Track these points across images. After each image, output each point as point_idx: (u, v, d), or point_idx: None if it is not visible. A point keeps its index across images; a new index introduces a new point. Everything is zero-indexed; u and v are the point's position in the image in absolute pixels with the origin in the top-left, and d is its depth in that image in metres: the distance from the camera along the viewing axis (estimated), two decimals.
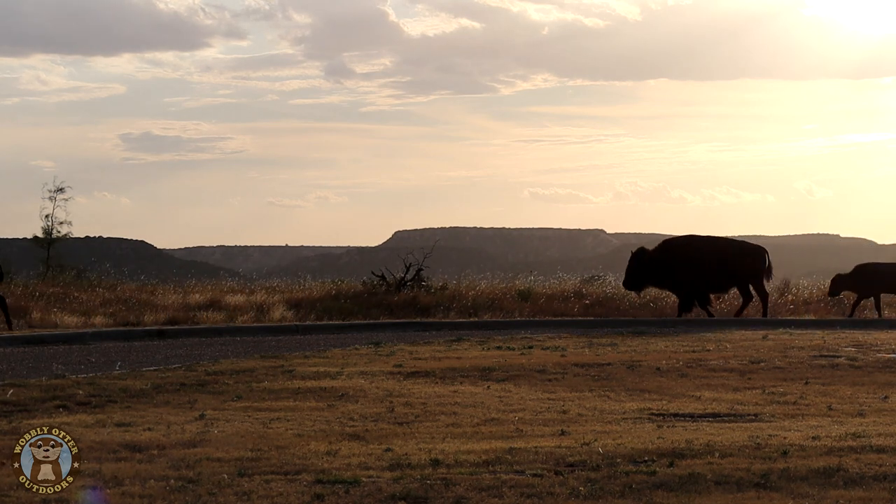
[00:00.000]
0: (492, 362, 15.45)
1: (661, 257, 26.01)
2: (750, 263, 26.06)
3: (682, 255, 25.92)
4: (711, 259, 25.88)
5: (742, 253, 26.29)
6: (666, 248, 26.32)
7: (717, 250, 26.20)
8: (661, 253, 26.16)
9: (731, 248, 26.50)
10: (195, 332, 21.76)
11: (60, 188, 34.69)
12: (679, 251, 26.10)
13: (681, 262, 25.76)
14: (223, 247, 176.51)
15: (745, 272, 26.00)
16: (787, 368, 15.04)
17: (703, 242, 26.56)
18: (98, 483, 7.63)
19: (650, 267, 25.92)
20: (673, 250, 26.16)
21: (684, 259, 25.82)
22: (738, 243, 26.92)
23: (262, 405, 11.54)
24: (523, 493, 7.41)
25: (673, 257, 25.90)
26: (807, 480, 7.78)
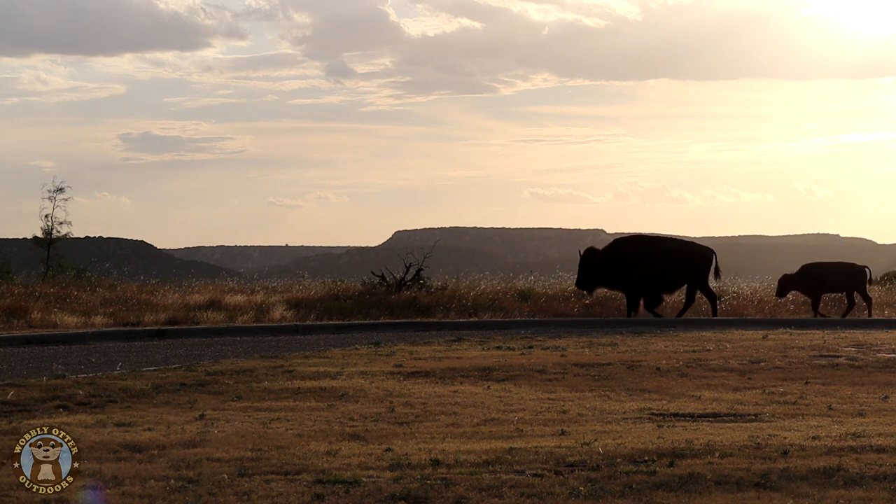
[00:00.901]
0: (492, 362, 15.45)
1: (612, 257, 25.95)
2: (699, 263, 26.00)
3: (632, 255, 25.88)
4: (661, 259, 25.84)
5: (692, 253, 26.24)
6: (616, 248, 26.26)
7: (666, 250, 26.18)
8: (612, 253, 26.11)
9: (680, 248, 26.48)
10: (195, 332, 21.76)
11: (60, 188, 34.61)
12: (629, 251, 26.04)
13: (631, 262, 25.71)
14: (223, 247, 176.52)
15: (694, 272, 25.93)
16: (787, 368, 15.04)
17: (653, 242, 26.61)
18: (98, 483, 7.63)
19: (601, 267, 25.86)
20: (623, 250, 26.09)
21: (634, 259, 25.78)
22: (688, 243, 26.92)
23: (262, 405, 11.54)
24: (523, 493, 7.41)
25: (623, 257, 25.84)
26: (807, 480, 7.78)
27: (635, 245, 26.31)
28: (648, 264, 25.71)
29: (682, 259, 25.99)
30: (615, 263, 25.79)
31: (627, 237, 27.03)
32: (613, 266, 25.78)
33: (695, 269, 25.97)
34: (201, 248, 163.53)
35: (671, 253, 26.12)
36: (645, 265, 25.69)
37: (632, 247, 26.22)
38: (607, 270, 25.83)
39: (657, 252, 26.04)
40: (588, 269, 25.99)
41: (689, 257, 26.09)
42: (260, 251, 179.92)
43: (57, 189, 34.55)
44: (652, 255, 25.88)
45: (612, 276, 25.85)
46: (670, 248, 26.41)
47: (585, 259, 26.08)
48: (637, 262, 25.71)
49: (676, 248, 26.47)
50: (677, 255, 26.08)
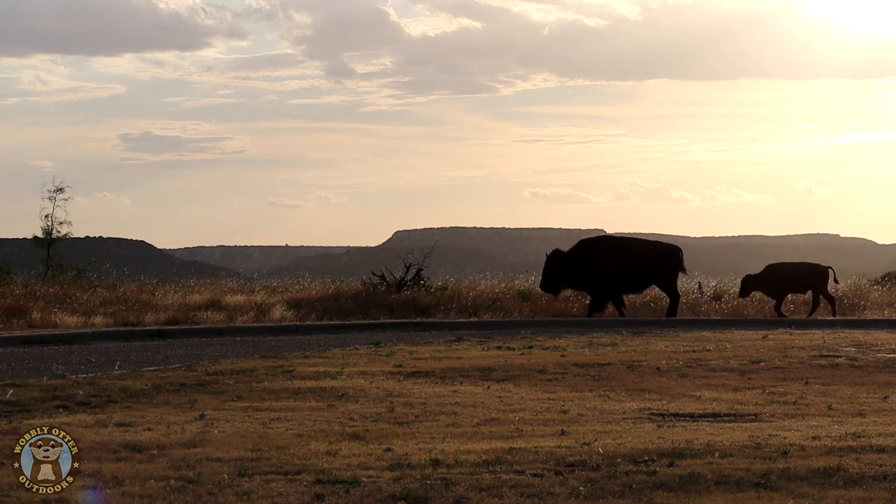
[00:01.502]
0: (492, 362, 15.45)
1: (578, 258, 25.85)
2: (666, 263, 25.94)
3: (599, 256, 25.80)
4: (628, 259, 25.77)
5: (658, 252, 26.16)
6: (582, 248, 26.17)
7: (633, 250, 26.10)
8: (578, 254, 26.00)
9: (646, 247, 26.38)
10: (195, 332, 21.76)
11: (60, 188, 34.62)
12: (595, 252, 25.97)
13: (598, 263, 25.62)
14: (223, 247, 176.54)
15: (661, 272, 25.87)
16: (787, 368, 15.04)
17: (619, 243, 26.53)
18: (98, 483, 7.63)
19: (567, 268, 25.76)
20: (589, 251, 26.00)
21: (601, 259, 25.70)
22: (654, 243, 26.77)
23: (262, 405, 11.55)
24: (523, 493, 7.41)
25: (590, 258, 25.75)
26: (807, 480, 7.79)
27: (601, 246, 26.25)
28: (614, 265, 25.62)
29: (649, 259, 25.88)
30: (581, 265, 25.69)
31: (593, 238, 26.99)
32: (579, 267, 25.69)
33: (662, 269, 25.89)
34: (201, 248, 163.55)
35: (637, 253, 26.00)
36: (610, 266, 25.60)
37: (597, 248, 26.15)
38: (573, 272, 25.73)
39: (623, 253, 25.95)
40: (553, 271, 25.89)
41: (655, 257, 25.98)
42: (260, 251, 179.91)
43: (57, 189, 34.57)
44: (617, 256, 25.79)
45: (578, 278, 25.75)
46: (636, 248, 26.29)
47: (551, 261, 25.97)
48: (602, 264, 25.61)
49: (642, 248, 26.32)
50: (643, 255, 25.97)
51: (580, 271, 25.67)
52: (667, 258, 26.05)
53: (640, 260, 25.83)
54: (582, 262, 25.75)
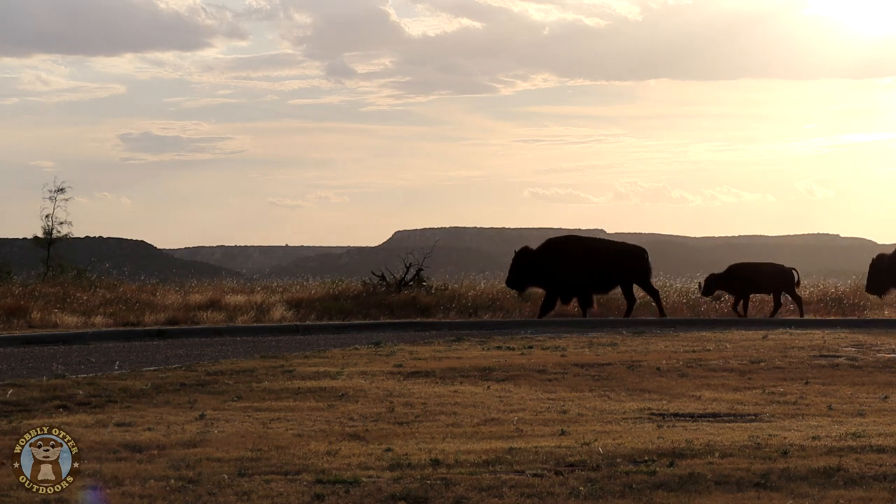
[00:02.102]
0: (492, 362, 15.45)
1: (545, 257, 25.78)
2: (632, 264, 25.90)
3: (566, 255, 25.75)
4: (594, 259, 25.72)
5: (624, 253, 26.12)
6: (549, 247, 26.10)
7: (599, 250, 26.08)
8: (545, 253, 25.94)
9: (613, 248, 26.37)
10: (195, 332, 21.76)
11: (61, 188, 34.61)
12: (563, 251, 25.91)
13: (564, 262, 25.57)
14: (223, 247, 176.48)
15: (627, 272, 25.83)
16: (787, 368, 15.04)
17: (586, 242, 26.50)
18: (98, 483, 7.63)
19: (534, 266, 25.72)
20: (556, 250, 25.95)
21: (568, 259, 25.64)
22: (620, 244, 26.74)
23: (262, 405, 11.55)
24: (523, 493, 7.41)
25: (557, 257, 25.72)
26: (807, 480, 7.79)
27: (567, 245, 26.17)
28: (578, 265, 25.55)
29: (614, 260, 25.85)
30: (546, 264, 25.64)
31: (560, 237, 26.87)
32: (546, 266, 25.64)
33: (627, 270, 25.84)
34: (201, 248, 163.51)
35: (603, 254, 25.98)
36: (574, 266, 25.53)
37: (564, 247, 26.08)
38: (539, 270, 25.68)
39: (588, 253, 25.91)
40: (520, 268, 25.83)
41: (621, 258, 25.94)
42: (260, 251, 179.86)
43: (57, 189, 34.57)
44: (582, 257, 25.73)
45: (544, 276, 25.71)
46: (605, 248, 26.31)
47: (518, 258, 25.91)
48: (566, 263, 25.55)
49: (608, 249, 26.31)
50: (609, 256, 25.93)
51: (547, 270, 25.62)
52: (632, 260, 26.00)
53: (605, 261, 25.78)
54: (547, 260, 25.71)
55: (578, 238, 26.94)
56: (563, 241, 26.59)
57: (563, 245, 26.26)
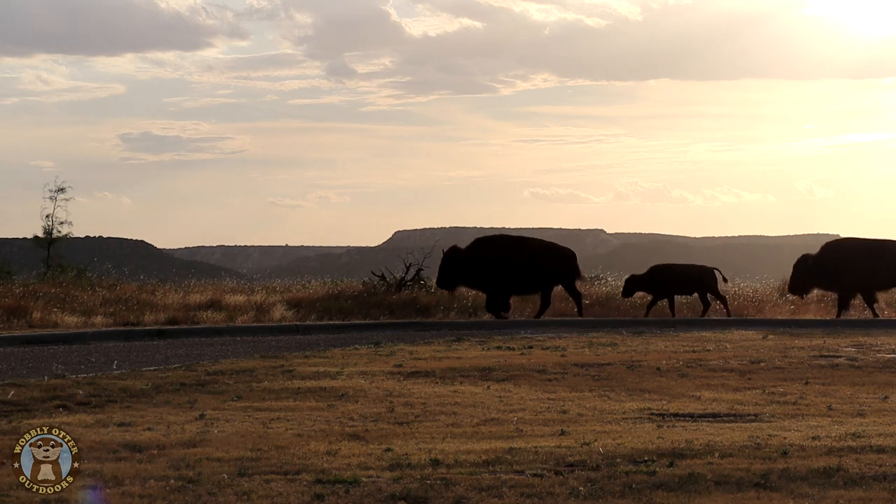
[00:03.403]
0: (492, 362, 15.45)
1: (474, 256, 25.66)
2: (560, 265, 25.78)
3: (494, 255, 25.61)
4: (521, 259, 25.59)
5: (553, 254, 25.98)
6: (478, 246, 25.99)
7: (527, 251, 25.92)
8: (473, 252, 25.81)
9: (541, 248, 26.19)
10: (195, 332, 21.76)
11: (61, 188, 34.65)
12: (490, 250, 25.77)
13: (492, 262, 25.43)
14: (223, 247, 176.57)
15: (553, 274, 25.70)
16: (787, 368, 15.03)
17: (516, 242, 26.31)
18: (98, 483, 7.63)
19: (464, 266, 25.56)
20: (484, 249, 25.82)
21: (495, 258, 25.51)
22: (550, 244, 26.55)
23: (262, 405, 11.54)
24: (523, 493, 7.41)
25: (484, 256, 25.56)
26: (807, 480, 7.79)
27: (498, 244, 26.03)
28: (510, 264, 25.44)
29: (544, 260, 25.73)
30: (477, 263, 25.51)
31: (490, 236, 26.74)
32: (475, 265, 25.50)
33: (556, 271, 25.73)
34: (201, 248, 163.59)
35: (533, 253, 25.85)
36: (504, 266, 25.41)
37: (494, 246, 25.95)
38: (469, 269, 25.54)
39: (520, 252, 25.79)
40: (450, 268, 25.67)
41: (550, 258, 25.82)
42: (260, 251, 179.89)
43: (58, 189, 34.58)
44: (514, 256, 25.62)
45: (474, 275, 25.56)
46: (532, 248, 26.12)
47: (448, 257, 25.74)
48: (499, 262, 25.43)
49: (539, 248, 26.17)
50: (539, 255, 25.80)
51: (475, 269, 25.48)
52: (561, 260, 25.89)
53: (534, 261, 25.65)
54: (477, 260, 25.57)
55: (511, 237, 26.68)
56: (496, 239, 26.40)
57: (497, 244, 26.06)
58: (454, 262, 25.68)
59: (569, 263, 25.99)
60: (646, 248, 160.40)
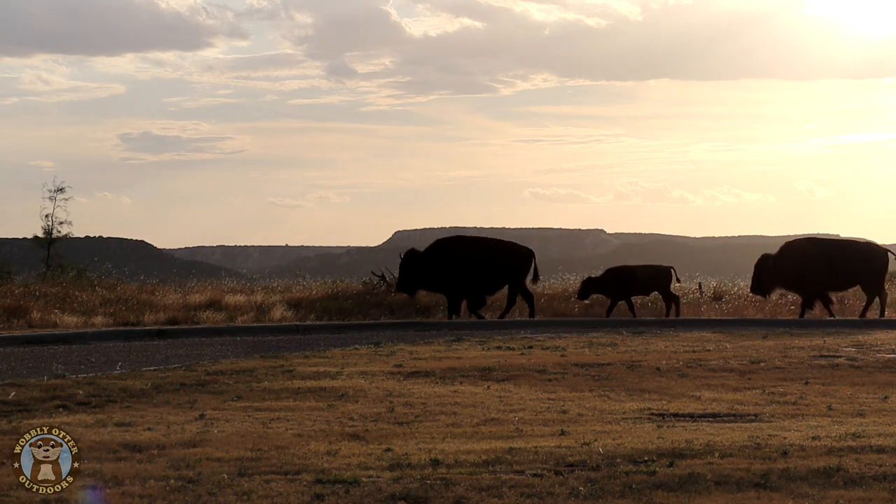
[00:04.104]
0: (492, 362, 15.44)
1: (432, 258, 25.48)
2: (518, 264, 25.69)
3: (452, 256, 25.48)
4: (481, 260, 25.47)
5: (511, 254, 25.87)
6: (436, 248, 25.82)
7: (485, 251, 25.81)
8: (432, 254, 25.63)
9: (499, 248, 26.09)
10: (195, 332, 21.76)
11: (61, 188, 34.67)
12: (448, 252, 25.63)
13: (450, 263, 25.31)
14: (223, 247, 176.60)
15: (512, 273, 25.61)
16: (787, 368, 15.03)
17: (473, 243, 26.18)
18: (98, 483, 7.63)
19: (422, 269, 25.38)
20: (442, 251, 25.67)
21: (454, 259, 25.39)
22: (508, 244, 26.43)
23: (262, 405, 11.54)
24: (523, 493, 7.41)
25: (443, 258, 25.43)
26: (807, 480, 7.78)
27: (456, 246, 25.88)
28: (469, 265, 25.33)
29: (502, 260, 25.62)
30: (436, 265, 25.34)
31: (448, 238, 26.53)
32: (434, 267, 25.33)
33: (514, 270, 25.64)
34: (201, 248, 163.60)
35: (491, 253, 25.74)
36: (465, 266, 25.30)
37: (452, 248, 25.79)
38: (428, 272, 25.35)
39: (477, 253, 25.67)
40: (409, 271, 25.46)
41: (508, 258, 25.71)
42: (260, 251, 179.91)
43: (57, 189, 34.59)
44: (472, 256, 25.50)
45: (434, 278, 25.37)
46: (490, 248, 26.01)
47: (406, 261, 25.55)
48: (458, 263, 25.31)
49: (496, 248, 26.05)
50: (497, 255, 25.70)
51: (434, 271, 25.32)
52: (520, 260, 25.77)
53: (494, 260, 25.53)
54: (437, 262, 25.40)
55: (468, 238, 26.53)
56: (453, 241, 26.24)
57: (455, 245, 25.91)
58: (413, 265, 25.46)
59: (528, 262, 25.82)
60: (646, 248, 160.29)
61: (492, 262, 25.56)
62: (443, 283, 25.46)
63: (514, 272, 25.73)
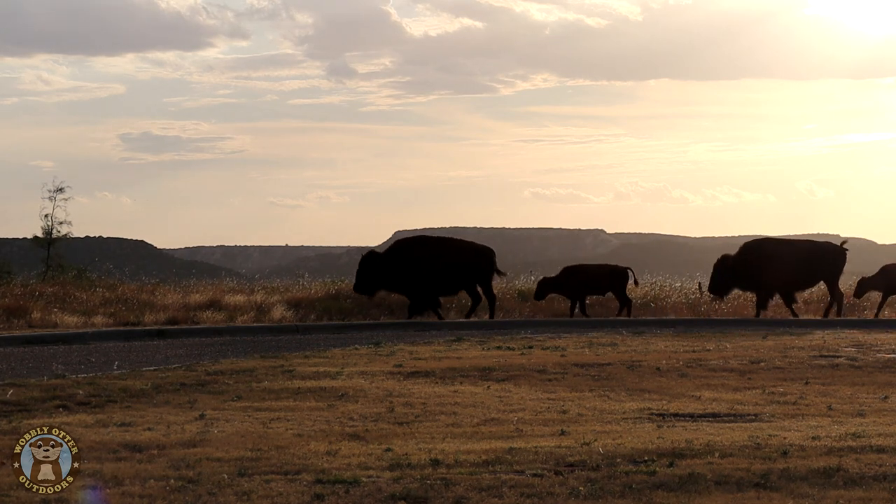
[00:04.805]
0: (492, 362, 15.44)
1: (392, 259, 25.29)
2: (481, 263, 25.56)
3: (413, 256, 25.29)
4: (440, 260, 25.33)
5: (473, 253, 25.74)
6: (395, 249, 25.65)
7: (446, 250, 25.65)
8: (392, 254, 25.45)
9: (460, 248, 25.93)
10: (195, 332, 21.76)
11: (61, 188, 34.68)
12: (409, 252, 25.45)
13: (411, 263, 25.13)
14: (223, 247, 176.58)
15: (473, 273, 25.48)
16: (787, 368, 15.03)
17: (434, 243, 26.00)
18: (98, 483, 7.63)
19: (382, 269, 25.21)
20: (403, 251, 25.49)
21: (415, 260, 25.21)
22: (469, 243, 26.31)
23: (262, 405, 11.54)
24: (523, 493, 7.41)
25: (403, 258, 25.22)
26: (807, 480, 7.78)
27: (416, 246, 25.71)
28: (430, 266, 25.17)
29: (464, 259, 25.48)
30: (396, 266, 25.15)
31: (407, 238, 26.38)
32: (395, 268, 25.14)
33: (477, 269, 25.49)
34: (201, 248, 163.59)
35: (452, 253, 25.59)
36: (426, 266, 25.14)
37: (413, 248, 25.62)
38: (389, 273, 25.15)
39: (438, 253, 25.51)
40: (369, 273, 25.27)
41: (470, 257, 25.56)
42: (260, 251, 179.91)
43: (57, 189, 34.60)
44: (433, 257, 25.34)
45: (394, 279, 25.18)
46: (451, 248, 25.85)
47: (365, 262, 25.37)
48: (418, 264, 25.14)
49: (458, 248, 25.90)
50: (458, 255, 25.54)
51: (394, 272, 25.15)
52: (482, 259, 25.64)
53: (455, 260, 25.40)
54: (398, 262, 25.22)
55: (429, 238, 26.36)
56: (414, 241, 26.10)
57: (415, 246, 25.77)
58: (373, 266, 25.29)
59: (488, 261, 25.67)
60: (646, 248, 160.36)
61: (452, 262, 25.37)
62: (403, 283, 25.24)
63: (476, 272, 25.54)
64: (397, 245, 25.92)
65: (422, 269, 25.14)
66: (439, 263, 25.29)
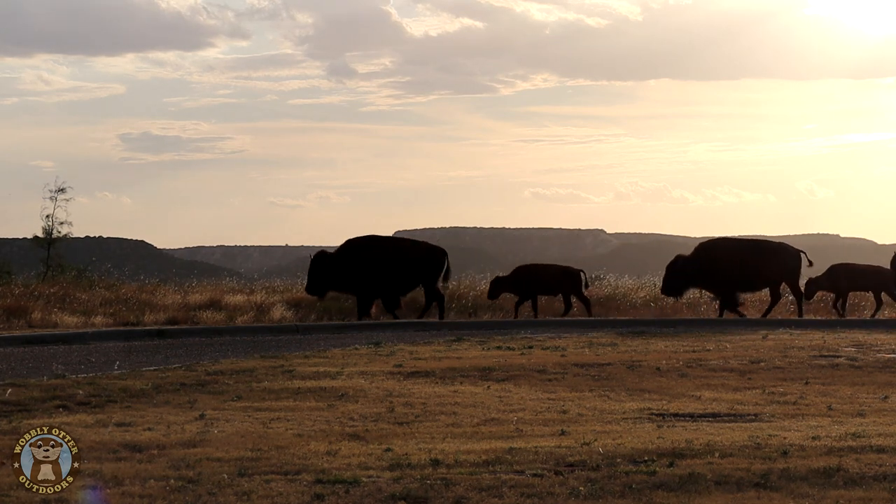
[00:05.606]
0: (492, 362, 15.44)
1: (342, 260, 25.19)
2: (431, 264, 25.48)
3: (363, 257, 25.19)
4: (394, 260, 25.24)
5: (424, 254, 25.67)
6: (347, 249, 25.50)
7: (397, 251, 25.55)
8: (343, 255, 25.33)
9: (412, 249, 25.87)
10: (195, 332, 21.76)
11: (61, 188, 34.66)
12: (360, 253, 25.32)
13: (362, 264, 25.05)
14: (223, 247, 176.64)
15: (425, 273, 25.38)
16: (787, 368, 15.03)
17: (385, 243, 25.85)
18: (98, 483, 7.63)
19: (333, 270, 25.09)
20: (354, 252, 25.36)
21: (365, 261, 25.12)
22: (421, 244, 26.22)
23: (262, 405, 11.54)
24: (523, 493, 7.40)
25: (354, 259, 25.15)
26: (807, 480, 7.78)
27: (367, 247, 25.54)
28: (381, 266, 25.10)
29: (415, 260, 25.40)
30: (347, 266, 25.06)
31: (358, 238, 26.00)
32: (346, 269, 25.05)
33: (426, 270, 25.40)
34: (201, 248, 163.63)
35: (403, 254, 25.49)
36: (378, 267, 25.08)
37: (363, 248, 25.48)
38: (340, 273, 25.05)
39: (389, 254, 25.39)
40: (319, 273, 25.11)
41: (421, 258, 25.49)
42: (260, 251, 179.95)
43: (58, 189, 34.59)
44: (384, 257, 25.23)
45: (345, 280, 25.09)
46: (402, 248, 25.76)
47: (316, 262, 25.19)
48: (368, 264, 25.06)
49: (409, 249, 25.83)
50: (409, 256, 25.46)
51: (345, 273, 25.04)
52: (431, 260, 25.53)
53: (404, 261, 25.30)
54: (348, 263, 25.13)
55: (380, 238, 26.14)
56: (364, 241, 25.84)
57: (366, 246, 25.57)
58: (323, 267, 25.14)
59: (440, 262, 25.56)
60: (646, 248, 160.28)
61: (403, 263, 25.27)
62: (353, 284, 25.15)
63: (426, 272, 25.42)
64: (346, 245, 25.70)
65: (369, 269, 25.05)
66: (387, 264, 25.17)
